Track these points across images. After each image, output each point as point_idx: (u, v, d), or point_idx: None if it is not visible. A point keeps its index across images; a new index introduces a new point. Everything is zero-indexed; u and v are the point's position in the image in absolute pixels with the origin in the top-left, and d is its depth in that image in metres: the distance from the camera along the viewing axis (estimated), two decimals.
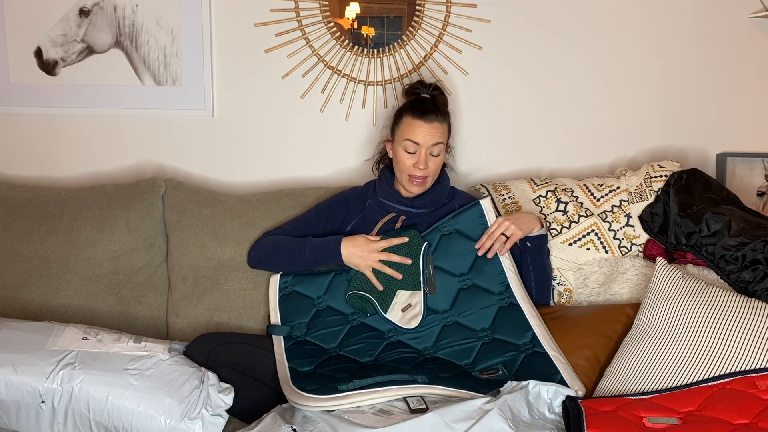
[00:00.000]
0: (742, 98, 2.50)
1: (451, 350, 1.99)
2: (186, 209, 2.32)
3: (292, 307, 2.12)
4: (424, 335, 2.02)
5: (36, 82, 2.54)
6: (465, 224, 2.14)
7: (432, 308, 2.05)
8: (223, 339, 2.04)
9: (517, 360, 1.94)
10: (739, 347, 1.77)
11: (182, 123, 2.56)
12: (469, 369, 1.95)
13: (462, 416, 1.65)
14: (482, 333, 2.01)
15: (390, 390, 1.78)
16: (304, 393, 1.80)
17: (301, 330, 2.06)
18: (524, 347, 1.96)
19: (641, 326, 1.92)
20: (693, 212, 2.10)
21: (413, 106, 2.16)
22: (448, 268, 2.09)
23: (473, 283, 2.07)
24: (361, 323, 2.06)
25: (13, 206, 2.35)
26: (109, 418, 1.77)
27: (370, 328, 2.05)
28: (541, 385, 1.77)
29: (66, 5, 2.50)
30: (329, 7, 2.45)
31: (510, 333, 1.99)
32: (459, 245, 2.11)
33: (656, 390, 1.80)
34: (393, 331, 2.04)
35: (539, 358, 1.93)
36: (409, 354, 1.99)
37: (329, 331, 2.06)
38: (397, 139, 2.16)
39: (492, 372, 1.93)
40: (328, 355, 2.01)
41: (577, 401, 1.74)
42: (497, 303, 2.04)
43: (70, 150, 2.60)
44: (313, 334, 2.06)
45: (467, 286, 2.07)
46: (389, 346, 2.02)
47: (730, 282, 1.98)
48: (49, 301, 2.24)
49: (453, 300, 2.06)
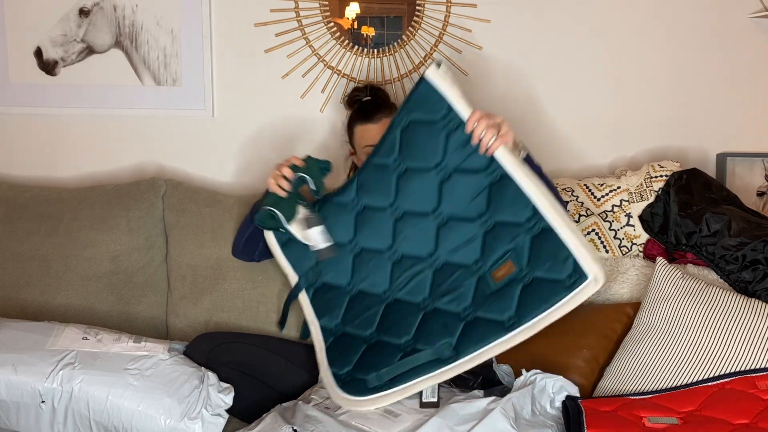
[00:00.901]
0: (742, 98, 2.49)
1: (457, 252, 1.81)
2: (185, 209, 2.32)
3: (323, 303, 1.97)
4: (422, 240, 1.85)
5: (36, 82, 2.54)
6: (420, 111, 1.85)
7: (420, 211, 1.86)
8: (223, 339, 2.04)
9: (524, 244, 1.73)
10: (739, 347, 1.77)
11: (182, 123, 2.56)
12: (480, 271, 1.77)
13: (465, 418, 1.65)
14: (479, 219, 1.79)
15: (422, 382, 1.74)
16: (351, 396, 1.78)
17: (337, 323, 1.93)
18: (527, 225, 1.73)
19: (641, 326, 1.92)
20: (693, 212, 2.10)
21: (358, 113, 2.19)
22: (420, 164, 1.86)
23: (451, 171, 1.83)
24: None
25: (13, 206, 2.35)
26: (109, 418, 1.77)
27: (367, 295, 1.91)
28: (547, 378, 1.77)
29: (66, 5, 2.50)
30: (329, 7, 2.45)
31: (508, 211, 1.76)
32: (422, 134, 1.85)
33: (656, 390, 1.80)
34: (388, 291, 1.89)
35: (549, 238, 1.70)
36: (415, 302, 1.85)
37: (366, 316, 1.90)
38: (358, 149, 2.19)
39: (505, 269, 1.74)
40: (367, 344, 1.88)
41: (577, 401, 1.74)
42: (487, 180, 1.79)
43: (70, 150, 2.60)
44: (350, 325, 1.91)
45: (447, 176, 1.83)
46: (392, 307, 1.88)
47: (730, 282, 1.98)
48: (49, 301, 2.24)
49: (438, 196, 1.84)
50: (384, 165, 1.91)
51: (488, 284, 1.77)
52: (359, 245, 1.93)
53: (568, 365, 1.92)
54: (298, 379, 1.99)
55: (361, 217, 1.94)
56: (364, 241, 1.93)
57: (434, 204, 1.85)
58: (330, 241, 1.94)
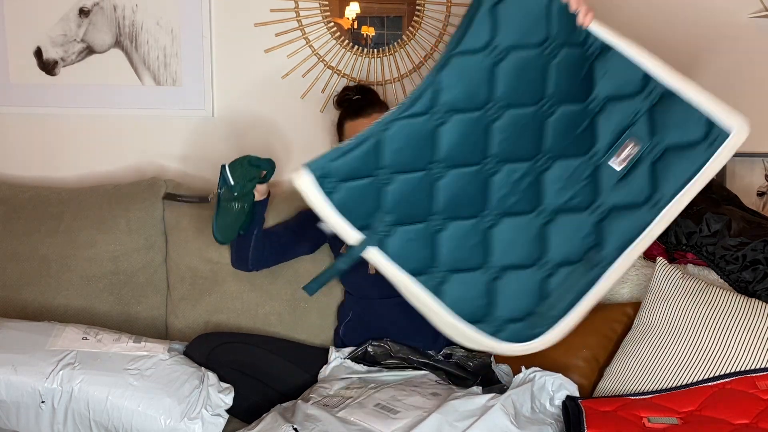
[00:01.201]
0: (742, 98, 2.49)
1: (567, 144, 1.56)
2: (185, 210, 2.32)
3: (354, 203, 1.54)
4: (524, 140, 1.54)
5: (36, 82, 2.54)
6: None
7: (524, 103, 1.56)
8: (223, 339, 2.05)
9: (642, 117, 1.53)
10: (739, 347, 1.77)
11: (182, 123, 2.56)
12: (598, 160, 1.55)
13: (465, 414, 1.65)
14: (586, 101, 1.56)
15: (591, 297, 1.52)
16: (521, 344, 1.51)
17: (385, 222, 1.54)
18: (642, 94, 1.54)
19: (641, 326, 1.91)
20: (693, 212, 2.10)
21: (348, 111, 2.17)
22: (523, 41, 1.55)
23: (558, 46, 1.57)
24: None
25: (13, 206, 2.35)
26: (108, 418, 1.77)
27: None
28: (546, 376, 1.77)
29: (66, 5, 2.50)
30: (329, 7, 2.45)
31: (616, 84, 1.56)
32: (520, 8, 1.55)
33: (656, 390, 1.80)
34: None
35: (671, 102, 1.52)
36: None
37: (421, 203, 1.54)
38: None
39: (627, 150, 1.53)
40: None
41: (577, 401, 1.73)
42: (588, 58, 1.58)
43: (70, 150, 2.60)
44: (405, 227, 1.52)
45: (553, 54, 1.56)
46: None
47: (730, 282, 1.98)
48: (49, 301, 2.25)
49: (542, 82, 1.56)
50: (474, 53, 1.55)
51: (612, 171, 1.55)
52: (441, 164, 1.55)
53: (568, 365, 1.92)
54: (298, 379, 1.99)
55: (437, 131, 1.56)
56: (451, 156, 1.55)
57: (539, 94, 1.57)
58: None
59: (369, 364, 2.01)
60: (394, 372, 1.95)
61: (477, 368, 2.00)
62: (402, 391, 1.78)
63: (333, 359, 2.02)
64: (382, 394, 1.78)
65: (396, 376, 1.93)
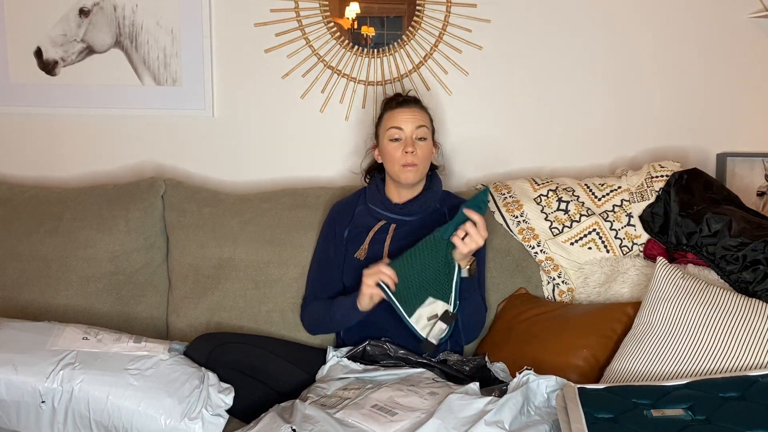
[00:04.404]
0: (742, 98, 2.50)
1: None
2: (186, 209, 2.32)
3: None
4: None
5: (36, 82, 2.54)
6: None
7: None
8: (223, 339, 2.04)
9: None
10: (739, 347, 1.77)
11: (182, 123, 2.56)
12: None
13: (463, 420, 1.65)
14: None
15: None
16: None
17: None
18: None
19: (641, 326, 1.91)
20: (693, 212, 2.10)
21: (390, 102, 2.20)
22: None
23: None
24: None
25: (13, 206, 2.35)
26: (109, 418, 1.77)
27: None
28: (540, 379, 1.76)
29: (66, 5, 2.50)
30: (329, 7, 2.45)
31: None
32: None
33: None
34: None
35: None
36: None
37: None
38: (382, 136, 2.16)
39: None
40: None
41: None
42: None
43: (70, 150, 2.60)
44: None
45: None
46: None
47: (730, 282, 1.98)
48: (49, 301, 2.24)
49: None
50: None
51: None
52: None
53: (568, 365, 1.92)
54: (298, 380, 1.99)
55: None
56: None
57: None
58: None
59: (367, 363, 2.00)
60: (392, 371, 1.95)
61: (473, 371, 2.01)
62: (399, 391, 1.78)
63: (330, 358, 2.02)
64: (379, 394, 1.77)
65: (393, 375, 1.93)
